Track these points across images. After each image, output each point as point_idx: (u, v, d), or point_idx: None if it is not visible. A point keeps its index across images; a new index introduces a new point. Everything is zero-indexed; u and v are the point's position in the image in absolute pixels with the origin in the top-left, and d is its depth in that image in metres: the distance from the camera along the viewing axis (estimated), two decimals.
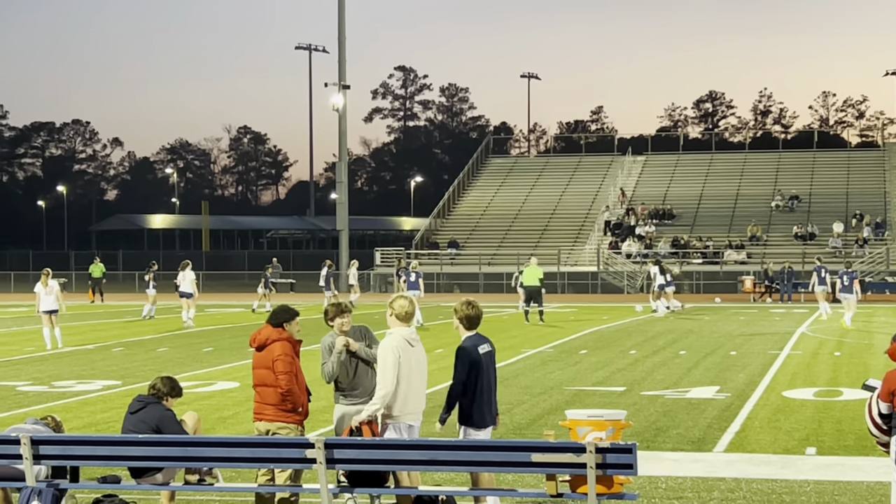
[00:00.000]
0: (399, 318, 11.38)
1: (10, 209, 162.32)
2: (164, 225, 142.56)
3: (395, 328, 11.39)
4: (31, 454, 10.46)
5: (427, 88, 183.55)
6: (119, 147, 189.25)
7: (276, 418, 11.35)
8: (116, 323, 42.43)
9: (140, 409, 11.67)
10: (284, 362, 11.33)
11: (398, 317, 11.39)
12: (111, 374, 24.81)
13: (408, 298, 11.55)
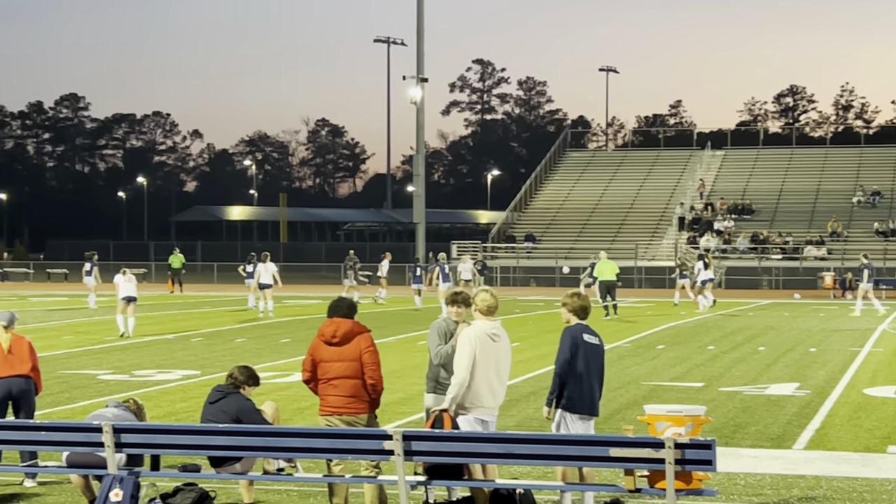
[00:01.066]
0: (482, 312, 11.36)
1: (92, 200, 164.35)
2: (242, 217, 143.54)
3: (478, 321, 11.37)
4: (113, 442, 10.59)
5: (505, 82, 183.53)
6: (199, 139, 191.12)
7: (359, 410, 11.35)
8: (195, 313, 42.81)
9: (219, 399, 11.74)
10: (375, 354, 11.38)
11: (481, 311, 11.36)
12: (190, 364, 25.03)
13: (489, 291, 11.51)
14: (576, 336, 11.49)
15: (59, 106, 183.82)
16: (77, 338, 31.79)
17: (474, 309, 11.42)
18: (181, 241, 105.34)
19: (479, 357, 11.15)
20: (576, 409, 11.42)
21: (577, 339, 11.48)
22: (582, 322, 11.61)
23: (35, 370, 13.69)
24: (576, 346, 11.45)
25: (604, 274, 41.31)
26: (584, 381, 11.46)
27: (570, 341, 11.46)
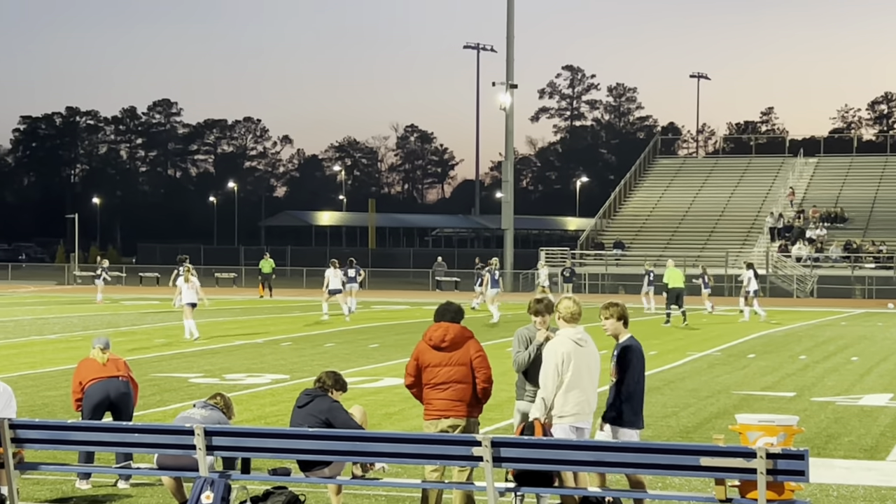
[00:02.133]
0: (565, 319, 11.32)
1: (183, 205, 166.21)
2: (331, 222, 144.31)
3: (563, 329, 11.33)
4: (205, 444, 10.67)
5: (594, 88, 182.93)
6: (289, 144, 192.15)
7: (467, 414, 11.37)
8: (285, 318, 43.09)
9: (308, 403, 11.80)
10: (486, 358, 11.41)
11: (564, 318, 11.32)
12: (280, 368, 25.20)
13: (572, 299, 11.48)
14: (642, 352, 11.55)
15: (152, 111, 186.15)
16: (168, 341, 32.14)
17: (558, 317, 11.38)
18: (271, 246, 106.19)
19: (570, 365, 11.10)
20: (635, 426, 11.42)
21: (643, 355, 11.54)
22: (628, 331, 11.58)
23: (133, 382, 13.87)
24: (643, 364, 11.51)
25: (673, 281, 41.29)
26: (643, 397, 11.56)
27: (643, 361, 11.49)
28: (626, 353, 11.36)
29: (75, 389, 13.59)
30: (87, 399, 13.38)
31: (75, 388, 13.59)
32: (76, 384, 13.58)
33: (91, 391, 13.39)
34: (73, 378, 13.74)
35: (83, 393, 13.43)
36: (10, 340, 32.14)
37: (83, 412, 13.37)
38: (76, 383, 13.58)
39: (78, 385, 13.53)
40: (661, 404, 19.80)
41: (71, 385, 13.90)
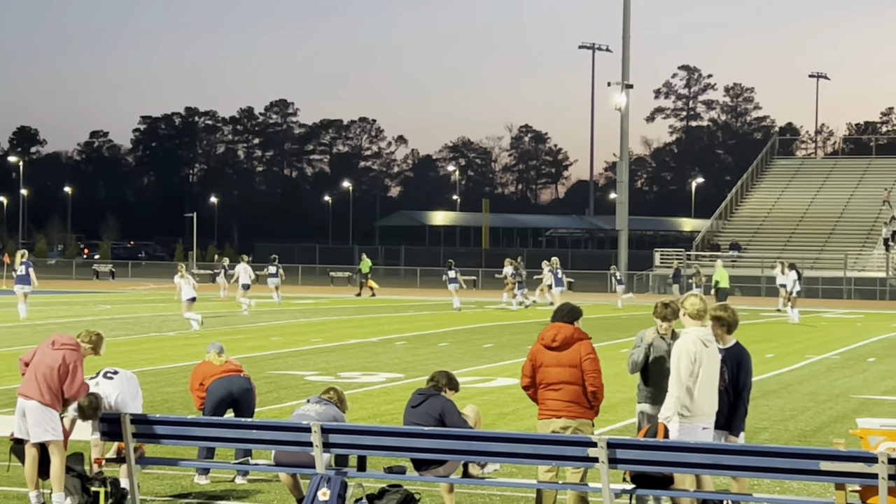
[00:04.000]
0: (692, 317, 11.17)
1: (299, 204, 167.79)
2: (445, 222, 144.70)
3: (690, 328, 11.20)
4: (321, 442, 10.76)
5: (711, 88, 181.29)
6: (403, 145, 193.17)
7: (578, 415, 11.32)
8: (399, 317, 43.29)
9: (422, 402, 11.84)
10: (596, 361, 11.34)
11: (691, 315, 11.17)
12: (394, 367, 25.30)
13: (698, 296, 11.34)
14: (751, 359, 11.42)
15: (269, 111, 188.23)
16: (284, 339, 32.44)
17: (683, 314, 11.24)
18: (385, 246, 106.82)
19: (699, 365, 10.95)
20: (738, 431, 11.31)
21: None
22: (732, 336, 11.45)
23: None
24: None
25: (724, 280, 41.63)
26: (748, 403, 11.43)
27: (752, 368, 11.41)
28: (736, 359, 11.23)
29: (195, 388, 13.74)
30: (209, 396, 13.54)
31: (195, 388, 13.74)
32: (196, 384, 13.74)
33: (213, 388, 13.55)
34: (192, 378, 13.90)
35: (205, 391, 13.59)
36: (130, 337, 32.69)
37: (206, 408, 13.53)
38: (196, 383, 13.74)
39: (199, 384, 13.68)
40: (778, 408, 19.56)
41: (189, 383, 14.08)
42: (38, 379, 11.74)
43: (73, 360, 11.78)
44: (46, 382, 11.72)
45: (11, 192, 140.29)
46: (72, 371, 11.76)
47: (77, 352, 11.88)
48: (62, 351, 11.80)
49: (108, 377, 12.38)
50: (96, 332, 12.36)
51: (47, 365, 11.75)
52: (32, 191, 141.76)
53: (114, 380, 12.34)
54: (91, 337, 12.21)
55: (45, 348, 11.92)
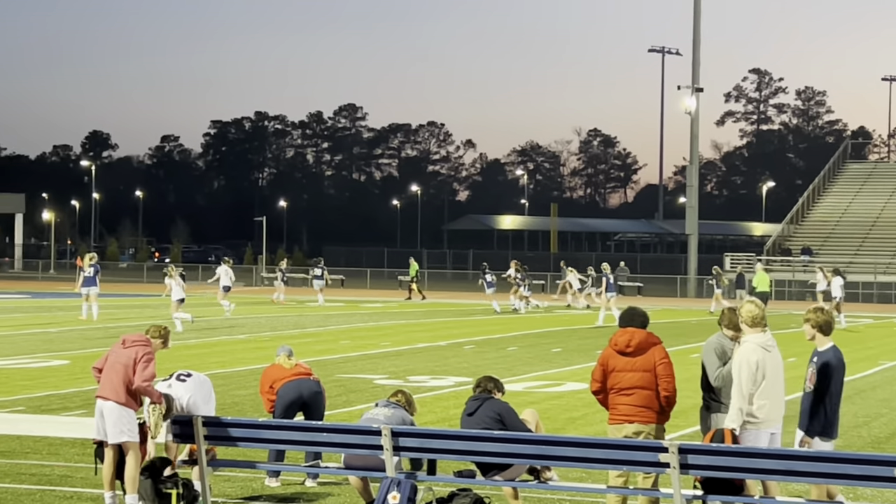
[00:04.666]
0: (748, 325, 11.09)
1: (367, 208, 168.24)
2: (513, 226, 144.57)
3: (749, 335, 11.11)
4: (391, 445, 10.77)
5: (782, 91, 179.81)
6: (471, 148, 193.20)
7: (651, 420, 11.31)
8: (467, 321, 43.28)
9: (478, 408, 11.83)
10: (670, 365, 11.30)
11: (747, 323, 11.10)
12: (463, 371, 25.29)
13: (754, 302, 11.26)
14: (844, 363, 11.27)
15: (338, 116, 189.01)
16: (353, 342, 32.54)
17: (741, 321, 11.17)
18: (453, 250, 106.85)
19: (763, 372, 10.88)
20: (831, 436, 11.16)
21: None
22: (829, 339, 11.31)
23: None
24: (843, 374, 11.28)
25: (762, 285, 41.33)
26: (839, 407, 11.32)
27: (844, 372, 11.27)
28: (828, 362, 11.11)
29: (265, 391, 13.80)
30: (279, 399, 13.60)
31: (265, 390, 13.80)
32: (266, 387, 13.79)
33: (284, 391, 13.60)
34: (262, 381, 13.96)
35: (275, 394, 13.65)
36: (201, 340, 32.93)
37: (276, 411, 13.59)
38: (266, 386, 13.80)
39: (269, 388, 13.74)
40: (851, 414, 19.35)
41: (259, 386, 14.14)
42: (113, 379, 11.88)
43: (144, 353, 11.92)
44: (122, 382, 11.84)
45: (84, 197, 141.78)
46: (143, 362, 11.88)
47: (148, 346, 12.02)
48: (134, 348, 11.94)
49: (181, 380, 12.49)
50: (163, 325, 12.48)
51: (122, 364, 11.88)
52: (104, 195, 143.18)
53: (187, 382, 12.45)
54: (160, 331, 12.33)
55: (116, 349, 12.06)
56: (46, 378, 23.13)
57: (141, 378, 11.83)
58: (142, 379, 11.83)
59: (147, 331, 12.37)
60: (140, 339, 12.07)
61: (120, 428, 11.82)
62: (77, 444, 15.58)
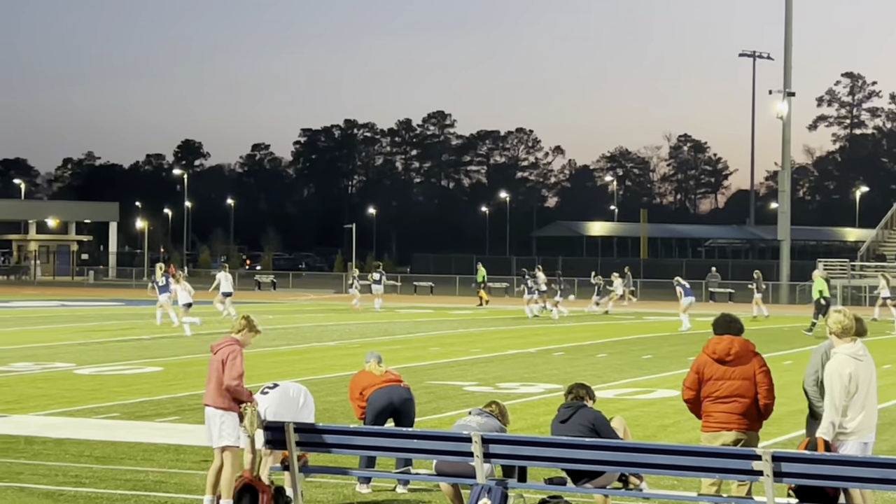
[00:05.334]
0: (837, 335, 10.89)
1: (456, 215, 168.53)
2: (602, 232, 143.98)
3: (839, 346, 10.91)
4: (482, 452, 10.77)
5: (876, 95, 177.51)
6: (560, 155, 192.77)
7: (747, 428, 11.22)
8: (557, 327, 43.17)
9: (571, 416, 11.77)
10: (770, 374, 11.21)
11: (836, 333, 10.90)
12: (552, 378, 25.22)
13: (842, 311, 11.06)
14: None
15: (427, 123, 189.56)
16: (443, 349, 32.58)
17: (829, 332, 10.98)
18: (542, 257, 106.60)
19: (855, 383, 10.71)
20: None
21: None
22: None
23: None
24: None
25: (824, 290, 41.15)
26: None
27: None
28: None
29: (355, 397, 13.85)
30: (370, 405, 13.64)
31: (355, 396, 13.84)
32: (356, 393, 13.84)
33: (374, 398, 13.65)
34: (352, 388, 14.00)
35: (366, 401, 13.69)
36: (292, 347, 33.14)
37: (366, 418, 13.64)
38: (356, 392, 13.84)
39: (359, 394, 13.78)
40: None
41: (349, 392, 14.19)
42: (212, 385, 11.99)
43: (230, 352, 11.99)
44: (218, 386, 11.95)
45: (176, 205, 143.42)
46: (230, 360, 11.97)
47: (234, 345, 12.07)
48: (221, 349, 12.04)
49: (264, 392, 12.60)
50: (241, 315, 12.49)
51: (215, 369, 12.00)
52: (196, 203, 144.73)
53: (269, 394, 12.57)
54: (241, 323, 12.30)
55: (210, 358, 12.18)
56: (140, 385, 23.41)
57: (229, 377, 11.89)
58: (230, 377, 11.88)
59: (231, 329, 12.39)
60: (225, 341, 12.15)
61: (220, 432, 11.94)
62: (171, 450, 15.75)
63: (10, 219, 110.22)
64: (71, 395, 21.52)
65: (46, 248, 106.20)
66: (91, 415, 19.15)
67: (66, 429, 17.46)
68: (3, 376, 24.51)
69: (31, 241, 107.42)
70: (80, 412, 19.44)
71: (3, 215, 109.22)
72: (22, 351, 30.43)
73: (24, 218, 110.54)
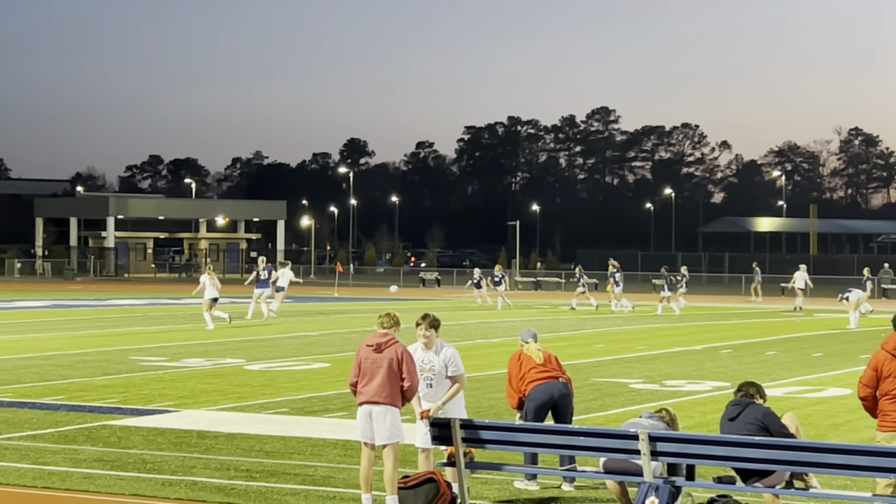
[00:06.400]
0: None
1: (620, 211, 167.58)
2: (770, 228, 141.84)
3: None
4: (649, 450, 10.67)
5: None
6: (727, 150, 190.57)
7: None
8: (722, 325, 42.61)
9: (740, 413, 11.56)
10: None
11: None
12: (720, 376, 24.89)
13: None
14: None
15: (591, 119, 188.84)
16: (608, 346, 32.40)
17: None
18: (708, 253, 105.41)
19: None
20: None
21: None
22: None
23: (568, 381, 14.04)
24: None
25: None
26: None
27: None
28: None
29: (515, 383, 13.80)
30: (531, 401, 13.62)
31: (515, 382, 13.79)
32: (516, 379, 13.79)
33: (536, 393, 13.62)
34: (512, 371, 13.90)
35: (525, 391, 13.67)
36: (456, 343, 33.16)
37: (527, 414, 13.63)
38: (516, 378, 13.81)
39: (519, 379, 13.77)
40: None
41: (508, 373, 14.06)
42: (380, 382, 11.94)
43: (403, 351, 12.03)
44: (389, 383, 11.95)
45: (342, 203, 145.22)
46: (408, 362, 12.02)
47: (399, 343, 12.12)
48: (390, 347, 12.01)
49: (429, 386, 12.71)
50: (388, 312, 12.44)
51: (383, 367, 11.96)
52: (361, 201, 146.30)
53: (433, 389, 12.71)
54: (390, 321, 12.29)
55: (368, 353, 12.08)
56: (308, 380, 23.72)
57: (412, 380, 11.96)
58: (413, 381, 11.97)
59: (381, 325, 12.39)
60: (389, 338, 12.11)
61: (391, 430, 11.97)
62: (339, 445, 15.91)
63: (182, 217, 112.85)
64: (241, 391, 21.90)
65: (216, 245, 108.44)
66: (261, 410, 19.46)
67: (237, 424, 17.77)
68: (176, 372, 25.07)
69: (201, 240, 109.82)
70: (251, 407, 19.77)
71: (175, 214, 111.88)
72: (194, 347, 31.08)
73: (194, 217, 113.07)
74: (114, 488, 13.16)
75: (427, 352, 12.64)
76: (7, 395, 21.10)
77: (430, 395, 12.57)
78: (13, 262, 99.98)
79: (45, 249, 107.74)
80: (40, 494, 12.89)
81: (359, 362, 12.12)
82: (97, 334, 35.08)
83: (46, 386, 22.45)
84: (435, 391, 12.61)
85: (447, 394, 12.52)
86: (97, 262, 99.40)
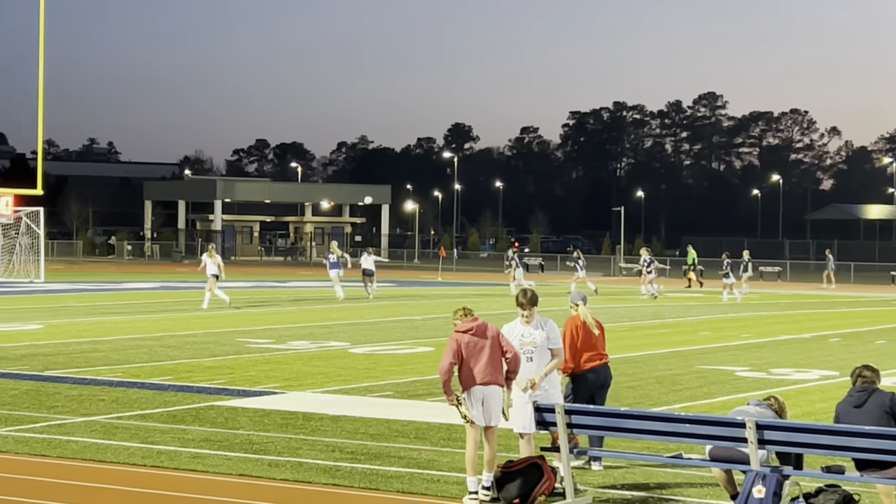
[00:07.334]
0: None
1: (726, 197, 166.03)
2: (880, 216, 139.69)
3: None
4: (756, 438, 10.56)
5: None
6: (836, 136, 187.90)
7: None
8: (831, 313, 42.07)
9: (866, 400, 11.32)
10: None
11: None
12: (828, 364, 24.58)
13: None
14: None
15: (697, 105, 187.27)
16: (714, 333, 32.12)
17: None
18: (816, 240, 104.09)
19: None
20: None
21: None
22: None
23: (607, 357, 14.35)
24: None
25: None
26: None
27: None
28: None
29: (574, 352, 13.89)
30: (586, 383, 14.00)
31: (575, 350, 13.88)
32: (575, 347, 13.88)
33: (592, 377, 14.03)
34: (571, 335, 13.89)
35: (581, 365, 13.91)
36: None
37: (576, 396, 13.91)
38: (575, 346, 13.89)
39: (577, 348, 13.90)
40: None
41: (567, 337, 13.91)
42: (491, 363, 11.97)
43: (497, 330, 12.19)
44: (498, 363, 12.02)
45: (446, 188, 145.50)
46: (503, 336, 12.21)
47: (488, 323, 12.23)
48: (488, 327, 12.09)
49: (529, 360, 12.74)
50: (460, 307, 12.44)
51: (489, 346, 11.98)
52: (465, 186, 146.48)
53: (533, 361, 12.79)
54: (468, 311, 12.29)
55: (469, 338, 12.01)
56: (412, 364, 23.81)
57: (516, 358, 12.08)
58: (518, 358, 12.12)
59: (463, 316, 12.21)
60: (481, 321, 12.15)
61: (499, 410, 12.08)
62: (443, 429, 15.95)
63: (288, 201, 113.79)
64: (346, 374, 22.04)
65: (321, 229, 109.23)
66: (365, 393, 19.57)
67: (342, 406, 17.89)
68: (282, 354, 25.30)
69: (306, 223, 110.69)
70: (355, 390, 19.88)
71: (281, 198, 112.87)
72: (299, 330, 31.35)
73: (300, 200, 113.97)
74: (221, 468, 13.33)
75: (527, 325, 12.66)
76: (117, 374, 21.45)
77: (529, 369, 12.55)
78: (123, 244, 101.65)
79: (153, 232, 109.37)
80: (149, 473, 13.08)
81: (457, 348, 12.03)
82: (204, 316, 35.54)
83: (155, 366, 22.78)
84: (536, 365, 12.59)
85: (549, 364, 12.60)
86: (204, 245, 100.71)
